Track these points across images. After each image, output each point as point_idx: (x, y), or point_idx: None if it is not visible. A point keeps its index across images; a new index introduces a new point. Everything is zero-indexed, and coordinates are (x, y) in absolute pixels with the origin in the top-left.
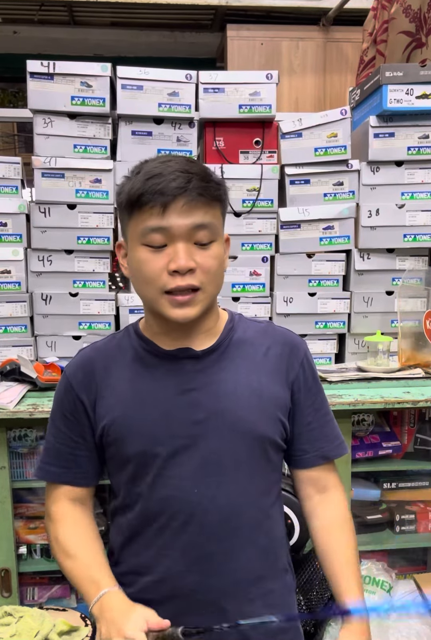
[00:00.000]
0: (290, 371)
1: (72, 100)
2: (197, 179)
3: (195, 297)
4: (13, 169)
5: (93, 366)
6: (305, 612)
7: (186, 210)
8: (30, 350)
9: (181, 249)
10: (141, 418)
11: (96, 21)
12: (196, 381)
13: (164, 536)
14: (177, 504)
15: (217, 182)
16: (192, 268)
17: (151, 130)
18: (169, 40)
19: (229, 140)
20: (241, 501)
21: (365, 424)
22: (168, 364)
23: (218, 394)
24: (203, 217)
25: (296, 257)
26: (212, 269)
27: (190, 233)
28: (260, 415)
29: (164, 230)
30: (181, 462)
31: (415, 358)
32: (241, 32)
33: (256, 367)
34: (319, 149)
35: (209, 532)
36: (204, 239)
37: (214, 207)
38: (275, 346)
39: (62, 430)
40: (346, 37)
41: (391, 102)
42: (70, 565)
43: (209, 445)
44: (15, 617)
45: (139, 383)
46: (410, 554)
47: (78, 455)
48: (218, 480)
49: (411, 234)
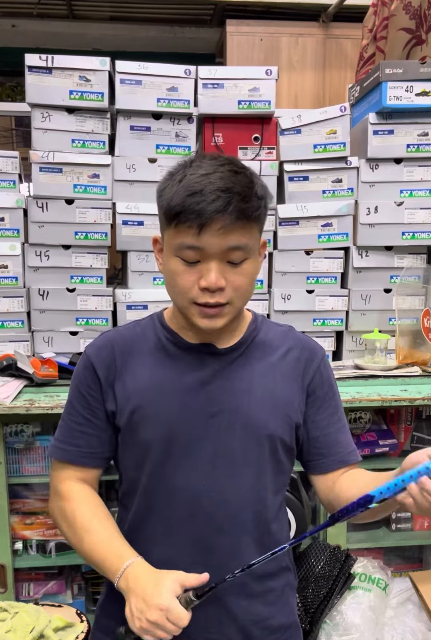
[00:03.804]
0: (306, 375)
1: (71, 94)
2: (237, 200)
3: (223, 310)
4: (11, 164)
5: (115, 348)
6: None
7: (222, 233)
8: (27, 345)
9: (213, 268)
10: (159, 406)
11: (95, 15)
12: (214, 377)
13: (170, 525)
14: (185, 494)
15: (259, 198)
16: (222, 287)
17: (149, 126)
18: (169, 35)
19: (228, 136)
20: (249, 498)
21: (361, 421)
22: (190, 356)
23: (234, 391)
24: (239, 239)
25: (294, 254)
26: (242, 287)
27: (224, 254)
28: (271, 414)
29: (199, 249)
30: (193, 454)
31: (413, 356)
32: (240, 27)
33: (273, 368)
34: (318, 145)
35: (215, 526)
36: (237, 259)
37: (251, 226)
38: (294, 350)
39: (76, 407)
40: (346, 34)
41: (390, 99)
42: (89, 541)
43: (221, 439)
44: (11, 612)
45: (160, 371)
46: (406, 551)
47: (87, 434)
48: (226, 475)
49: (409, 231)
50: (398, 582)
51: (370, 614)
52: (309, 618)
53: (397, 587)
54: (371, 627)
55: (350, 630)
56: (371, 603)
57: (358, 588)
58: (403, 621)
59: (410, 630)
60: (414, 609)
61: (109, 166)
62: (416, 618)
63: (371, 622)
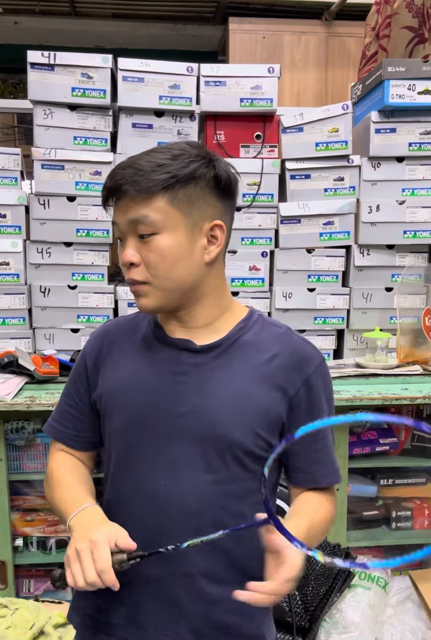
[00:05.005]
0: (290, 386)
1: (73, 91)
2: (133, 173)
3: (143, 289)
4: (13, 160)
5: (106, 338)
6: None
7: (125, 207)
8: (29, 342)
9: (126, 243)
10: (128, 398)
11: (97, 12)
12: (188, 374)
13: (133, 522)
14: (145, 490)
15: (167, 172)
16: (133, 262)
17: (151, 123)
18: (171, 32)
19: (230, 134)
20: (209, 502)
21: None
22: (168, 351)
23: (205, 393)
24: (138, 212)
25: (296, 252)
26: (153, 262)
27: (131, 228)
28: (239, 423)
29: (116, 225)
30: (154, 451)
31: (414, 355)
32: (243, 25)
33: (253, 373)
34: (320, 143)
35: (171, 527)
36: (143, 232)
37: (154, 199)
38: (281, 355)
39: (69, 389)
40: (349, 32)
41: (393, 97)
42: (59, 492)
43: (184, 441)
44: (11, 609)
45: (138, 364)
46: (406, 550)
47: (74, 417)
48: (185, 477)
49: (411, 230)
50: (398, 581)
51: (369, 612)
52: (309, 616)
53: (397, 585)
54: (370, 626)
55: (350, 629)
56: (370, 601)
57: (358, 586)
58: (403, 620)
59: (409, 628)
60: (413, 607)
61: (111, 163)
62: (415, 616)
63: (370, 621)
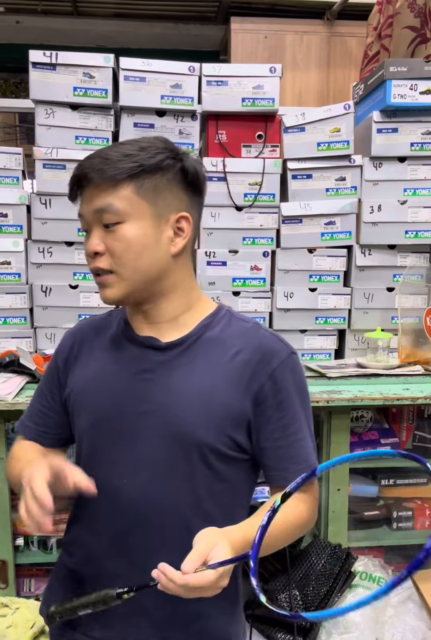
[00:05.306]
0: (254, 381)
1: (75, 91)
2: (98, 162)
3: (108, 279)
4: (14, 160)
5: (77, 336)
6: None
7: (90, 196)
8: (30, 342)
9: (91, 234)
10: (92, 397)
11: (99, 12)
12: (153, 372)
13: (97, 520)
14: (107, 489)
15: (133, 161)
16: (98, 251)
17: (153, 123)
18: (173, 32)
19: (232, 134)
20: (172, 502)
21: (363, 420)
22: (134, 349)
23: (168, 391)
24: (103, 200)
25: (297, 252)
26: (118, 251)
27: (96, 217)
28: (203, 421)
29: (81, 217)
30: (118, 450)
31: (415, 355)
32: (245, 25)
33: (216, 370)
34: (321, 143)
35: (135, 527)
36: (107, 221)
37: (120, 187)
38: (245, 351)
39: (41, 387)
40: (351, 32)
41: (395, 97)
42: (18, 467)
43: (147, 440)
44: (12, 608)
45: (105, 363)
46: (407, 550)
47: (45, 414)
48: (148, 477)
49: (413, 230)
50: None
51: (370, 613)
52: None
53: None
54: (371, 626)
55: (350, 629)
56: None
57: (359, 586)
58: (404, 620)
59: (410, 629)
60: (414, 607)
61: None
62: (416, 617)
63: (371, 621)
